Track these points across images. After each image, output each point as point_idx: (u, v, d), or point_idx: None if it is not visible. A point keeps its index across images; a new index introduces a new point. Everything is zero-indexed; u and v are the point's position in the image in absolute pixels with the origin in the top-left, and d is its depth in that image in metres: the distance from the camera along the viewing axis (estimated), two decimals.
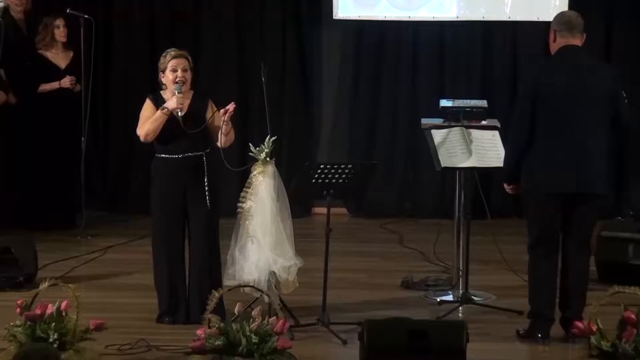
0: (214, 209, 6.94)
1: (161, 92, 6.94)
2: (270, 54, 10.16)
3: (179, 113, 6.84)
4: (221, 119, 6.83)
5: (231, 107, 6.81)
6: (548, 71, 6.67)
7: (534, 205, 6.66)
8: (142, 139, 6.97)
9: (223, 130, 6.84)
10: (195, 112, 6.91)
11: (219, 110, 6.85)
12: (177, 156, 6.90)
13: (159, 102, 6.87)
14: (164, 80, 6.91)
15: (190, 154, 6.89)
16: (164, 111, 6.83)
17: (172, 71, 6.87)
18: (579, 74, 6.60)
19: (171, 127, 6.85)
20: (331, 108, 10.85)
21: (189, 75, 6.90)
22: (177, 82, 6.84)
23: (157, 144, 6.95)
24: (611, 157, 6.83)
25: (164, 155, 6.95)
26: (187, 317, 6.88)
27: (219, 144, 6.93)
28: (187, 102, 6.90)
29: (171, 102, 6.84)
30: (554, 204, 6.59)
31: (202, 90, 7.18)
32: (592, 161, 6.56)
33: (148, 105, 6.94)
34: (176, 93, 6.83)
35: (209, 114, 6.93)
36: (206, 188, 6.89)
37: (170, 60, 6.89)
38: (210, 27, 10.57)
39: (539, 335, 6.65)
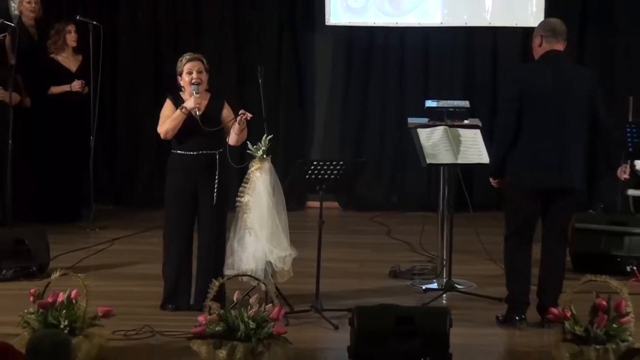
0: (222, 205, 6.94)
1: (180, 93, 6.93)
2: (266, 58, 10.15)
3: (197, 113, 6.84)
4: (235, 121, 6.84)
5: (248, 115, 6.81)
6: (534, 74, 6.70)
7: (517, 198, 6.66)
8: (162, 136, 6.98)
9: (236, 131, 6.84)
10: (212, 112, 6.91)
11: (235, 116, 6.84)
12: (192, 153, 6.91)
13: (178, 103, 6.87)
14: (181, 82, 6.91)
15: (204, 151, 6.90)
16: (183, 110, 6.84)
17: (188, 73, 6.87)
18: (563, 76, 6.62)
19: (189, 125, 6.84)
20: (324, 108, 10.86)
21: (204, 76, 6.90)
22: (193, 84, 6.85)
23: (175, 141, 6.95)
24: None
25: (180, 152, 6.95)
26: (189, 303, 6.88)
27: (230, 142, 6.93)
28: (204, 102, 6.89)
29: (189, 102, 6.84)
30: (536, 198, 6.62)
31: (219, 91, 7.15)
32: (572, 159, 6.59)
33: (168, 105, 6.94)
34: (194, 94, 6.83)
35: (224, 114, 6.94)
36: (215, 185, 6.90)
37: (186, 63, 6.89)
38: (210, 32, 10.57)
39: (516, 318, 6.68)
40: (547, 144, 6.53)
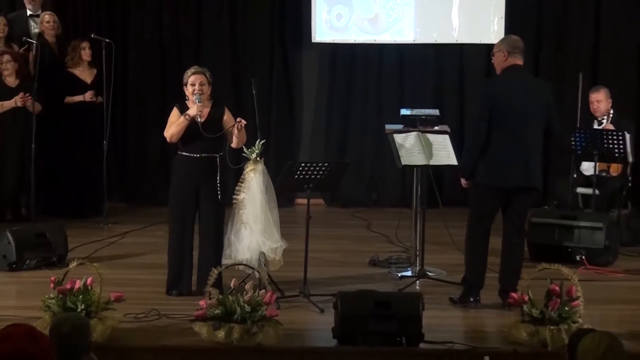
0: (222, 203, 6.91)
1: (186, 101, 6.92)
2: (259, 71, 10.16)
3: (199, 119, 6.85)
4: (234, 127, 6.83)
5: (243, 122, 6.81)
6: (503, 86, 6.69)
7: (484, 194, 6.68)
8: (167, 140, 6.97)
9: (236, 134, 6.84)
10: (213, 119, 6.89)
11: (234, 124, 6.83)
12: (195, 155, 6.88)
13: (183, 110, 6.86)
14: (186, 92, 6.90)
15: (206, 154, 6.87)
16: (186, 117, 6.83)
17: (192, 85, 6.85)
18: (527, 89, 6.64)
19: (192, 130, 6.82)
20: (311, 116, 10.86)
21: (206, 88, 6.86)
22: (195, 93, 6.85)
23: (180, 144, 6.93)
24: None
25: (184, 154, 6.93)
26: (191, 290, 6.87)
27: (232, 145, 6.91)
28: (206, 110, 6.87)
29: (192, 110, 6.84)
30: (499, 195, 6.64)
31: (220, 100, 7.14)
32: (533, 162, 6.62)
33: (174, 112, 6.93)
34: (196, 102, 6.83)
35: (225, 120, 6.91)
36: (218, 185, 6.89)
37: (190, 75, 6.89)
38: (209, 48, 10.56)
39: (471, 300, 6.71)
40: (513, 148, 6.55)
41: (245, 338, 5.75)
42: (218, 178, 6.89)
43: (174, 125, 6.87)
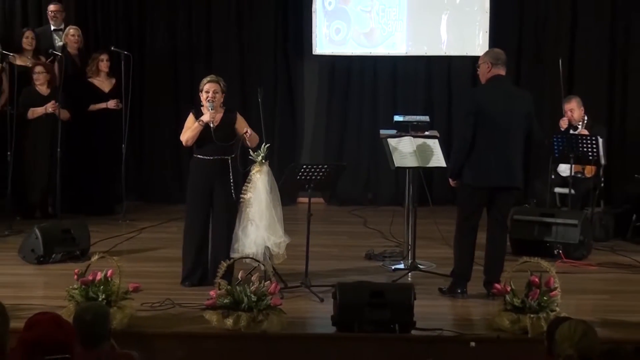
0: (236, 201, 6.85)
1: (201, 107, 6.90)
2: (264, 80, 10.11)
3: (211, 125, 6.85)
4: (242, 133, 6.85)
5: (249, 133, 6.83)
6: (488, 94, 6.69)
7: (470, 193, 6.67)
8: (183, 143, 6.96)
9: (247, 137, 6.84)
10: (225, 124, 6.87)
11: (245, 131, 6.86)
12: (209, 158, 6.87)
13: (198, 116, 6.86)
14: (201, 98, 6.89)
15: (218, 157, 6.86)
16: (200, 123, 6.82)
17: (206, 92, 6.84)
18: (509, 97, 6.65)
19: (205, 135, 6.83)
20: (311, 121, 10.85)
21: (218, 96, 6.84)
22: (208, 101, 6.84)
23: (195, 147, 6.92)
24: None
25: (199, 156, 6.92)
26: (203, 280, 6.86)
27: (248, 145, 6.90)
28: (219, 116, 6.86)
29: (205, 116, 6.83)
30: (484, 194, 6.64)
31: (232, 107, 7.13)
32: (514, 164, 6.62)
33: (190, 117, 6.91)
34: (209, 109, 6.83)
35: (238, 125, 6.89)
36: (232, 185, 6.86)
37: (205, 84, 6.87)
38: (218, 59, 10.54)
39: (458, 291, 6.71)
40: (496, 151, 6.55)
41: (251, 325, 5.76)
42: (231, 178, 6.87)
43: (189, 131, 6.87)
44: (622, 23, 10.24)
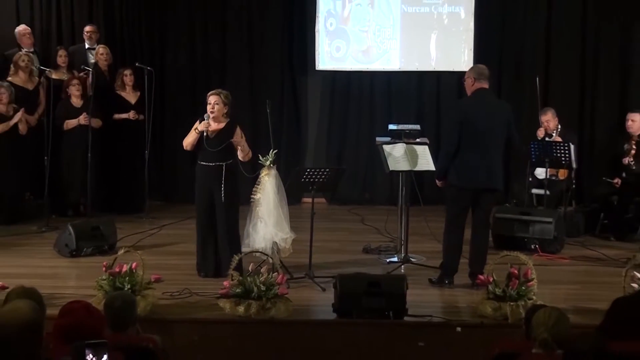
0: (230, 202, 6.82)
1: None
2: (272, 93, 10.11)
3: (205, 133, 6.80)
4: (239, 145, 6.83)
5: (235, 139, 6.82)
6: (472, 105, 6.69)
7: (456, 194, 6.68)
8: (183, 147, 6.97)
9: (240, 151, 6.84)
10: (222, 135, 6.82)
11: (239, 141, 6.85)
12: (208, 164, 6.87)
13: None
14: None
15: (213, 163, 6.82)
16: (196, 131, 6.83)
17: (208, 103, 6.85)
18: (491, 108, 6.66)
19: (201, 143, 6.83)
20: (314, 130, 10.83)
21: (219, 107, 6.79)
22: (207, 112, 6.83)
23: (197, 154, 6.91)
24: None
25: (200, 163, 6.93)
26: (215, 273, 6.86)
27: (240, 159, 6.89)
28: (220, 126, 6.82)
29: (200, 126, 6.83)
30: (469, 194, 6.65)
31: (236, 119, 7.07)
32: (495, 167, 6.63)
33: (196, 124, 6.90)
34: (206, 119, 6.81)
35: (235, 138, 6.85)
36: (222, 189, 6.80)
37: (209, 96, 6.87)
38: (231, 74, 10.51)
39: (446, 282, 6.73)
40: (479, 156, 6.56)
41: (261, 312, 5.78)
42: (222, 183, 6.79)
43: (188, 136, 6.88)
44: (592, 43, 10.25)
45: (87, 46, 9.90)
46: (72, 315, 3.78)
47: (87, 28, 9.95)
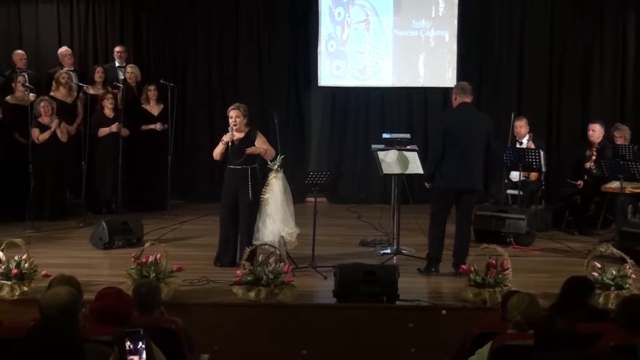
0: (255, 201, 6.86)
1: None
2: (279, 106, 10.11)
3: (230, 143, 6.83)
4: (253, 149, 6.84)
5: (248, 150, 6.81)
6: (453, 116, 6.74)
7: (441, 194, 6.71)
8: (214, 157, 6.98)
9: (261, 153, 6.86)
10: (245, 142, 6.85)
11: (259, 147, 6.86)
12: (235, 167, 6.88)
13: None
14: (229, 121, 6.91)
15: (239, 167, 6.84)
16: (222, 142, 6.86)
17: (230, 117, 6.87)
18: (471, 119, 6.68)
19: (229, 151, 6.85)
20: (317, 138, 10.81)
21: (240, 120, 6.83)
22: (230, 124, 6.84)
23: (227, 159, 6.92)
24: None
25: (229, 166, 6.94)
26: (233, 262, 6.84)
27: (265, 157, 6.92)
28: (241, 134, 6.84)
29: (225, 137, 6.86)
30: (452, 194, 6.68)
31: (255, 126, 7.12)
32: (476, 171, 6.64)
33: (223, 137, 6.90)
34: (230, 131, 6.83)
35: (257, 142, 6.87)
36: (249, 189, 6.83)
37: (230, 111, 6.90)
38: (244, 88, 10.46)
39: (432, 270, 6.74)
40: (461, 161, 6.58)
41: (269, 297, 5.80)
42: (249, 183, 6.83)
43: (217, 147, 6.91)
44: (557, 62, 10.29)
45: (117, 64, 9.92)
46: (106, 299, 3.80)
47: (117, 48, 9.99)
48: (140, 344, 2.83)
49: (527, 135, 8.97)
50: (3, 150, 8.87)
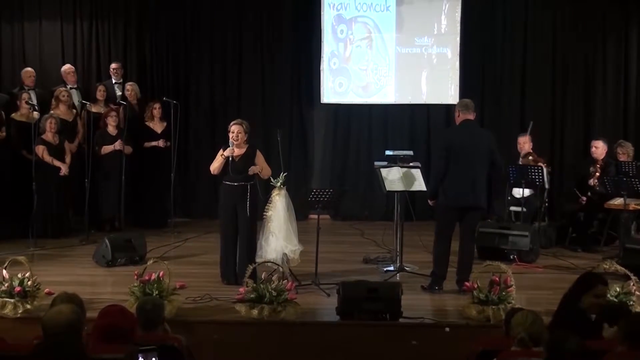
0: (253, 217, 6.88)
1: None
2: (283, 123, 10.11)
3: (230, 159, 6.85)
4: (255, 168, 6.86)
5: (254, 170, 6.84)
6: (456, 134, 6.75)
7: (445, 211, 6.72)
8: (211, 171, 7.00)
9: (258, 172, 6.88)
10: (245, 159, 6.87)
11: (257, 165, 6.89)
12: (233, 183, 6.89)
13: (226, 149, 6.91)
14: (229, 136, 6.91)
15: (238, 183, 6.86)
16: (222, 156, 6.87)
17: (231, 132, 6.89)
18: (474, 136, 6.70)
19: (227, 166, 6.86)
20: (320, 155, 10.80)
21: (241, 135, 6.85)
22: (231, 140, 6.86)
23: (223, 175, 6.94)
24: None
25: (226, 182, 6.95)
26: (236, 280, 6.84)
27: (260, 176, 6.94)
28: (241, 151, 6.85)
29: (226, 152, 6.87)
30: (456, 211, 6.67)
31: (255, 144, 7.15)
32: (479, 188, 6.66)
33: (220, 151, 6.94)
34: (230, 146, 6.85)
35: (256, 160, 6.90)
36: (248, 205, 6.85)
37: (232, 125, 6.92)
38: (246, 106, 10.48)
39: (436, 288, 6.73)
40: (464, 178, 6.59)
41: (272, 315, 5.79)
42: (248, 200, 6.83)
43: (215, 162, 6.91)
44: (560, 80, 10.31)
45: (114, 81, 9.94)
46: (109, 316, 3.81)
47: (113, 65, 9.98)
48: None
49: (530, 151, 8.97)
50: (8, 167, 8.91)
